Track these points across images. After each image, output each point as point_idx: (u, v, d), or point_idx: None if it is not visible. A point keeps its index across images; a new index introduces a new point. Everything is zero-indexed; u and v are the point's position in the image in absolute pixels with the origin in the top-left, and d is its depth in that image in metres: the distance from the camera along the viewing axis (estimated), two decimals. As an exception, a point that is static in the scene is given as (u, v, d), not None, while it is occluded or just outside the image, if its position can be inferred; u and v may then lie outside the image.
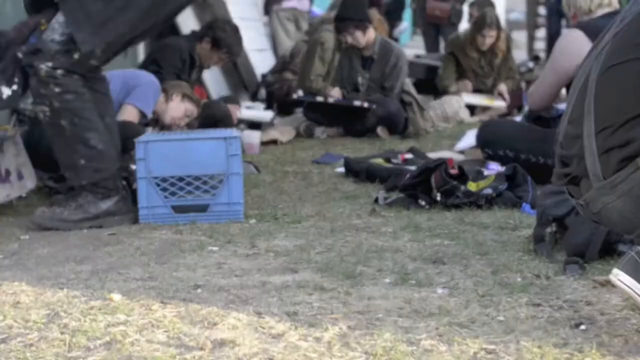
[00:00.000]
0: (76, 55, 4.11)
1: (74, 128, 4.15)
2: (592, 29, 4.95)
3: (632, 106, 2.48)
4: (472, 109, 8.31)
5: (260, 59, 10.24)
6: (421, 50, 13.16)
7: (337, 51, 7.83)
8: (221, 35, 7.06)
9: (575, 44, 4.88)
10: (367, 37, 7.36)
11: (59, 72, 4.11)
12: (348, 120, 7.25)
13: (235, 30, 7.14)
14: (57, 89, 4.11)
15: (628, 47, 2.54)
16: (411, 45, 16.49)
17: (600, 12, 5.11)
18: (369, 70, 7.43)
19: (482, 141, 5.42)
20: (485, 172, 4.76)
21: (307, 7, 11.54)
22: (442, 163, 4.61)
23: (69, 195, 4.34)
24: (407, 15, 14.39)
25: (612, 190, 2.53)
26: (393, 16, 14.30)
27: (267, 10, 11.46)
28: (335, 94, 7.36)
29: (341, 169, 5.53)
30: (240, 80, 9.75)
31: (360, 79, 7.44)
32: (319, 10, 14.54)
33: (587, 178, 2.60)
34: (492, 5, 10.04)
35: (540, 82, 5.23)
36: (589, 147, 2.56)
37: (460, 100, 8.16)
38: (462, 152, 6.02)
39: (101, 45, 4.13)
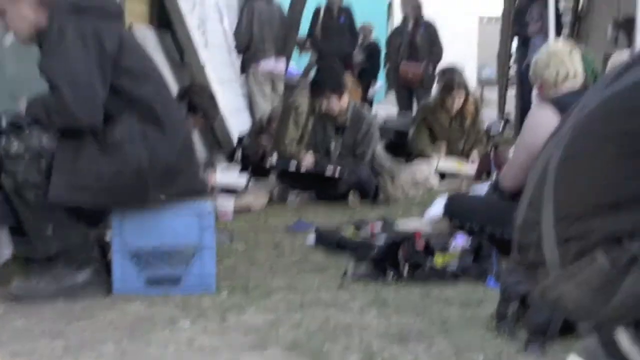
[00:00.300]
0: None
1: (39, 200, 4.22)
2: (562, 106, 5.09)
3: (591, 198, 2.55)
4: (442, 173, 8.45)
5: (237, 119, 10.39)
6: (394, 107, 13.35)
7: (310, 115, 8.02)
8: (197, 100, 7.21)
9: (545, 121, 4.99)
10: (342, 103, 7.50)
11: (27, 155, 4.20)
12: (320, 186, 7.38)
13: (211, 95, 7.27)
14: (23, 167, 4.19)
15: (587, 138, 2.62)
16: (385, 102, 16.69)
17: (566, 85, 5.23)
18: (341, 137, 7.57)
19: (450, 213, 5.52)
20: (452, 246, 4.88)
21: (283, 70, 11.69)
22: (410, 237, 4.74)
23: (44, 266, 4.41)
24: (382, 74, 14.57)
25: (569, 279, 2.60)
26: (368, 76, 14.53)
27: (244, 69, 11.60)
28: (308, 158, 7.49)
29: (312, 238, 5.63)
30: (216, 140, 9.89)
31: (332, 145, 7.58)
32: (296, 69, 14.74)
33: (544, 266, 2.68)
34: (459, 72, 10.20)
35: (512, 162, 5.25)
36: (547, 235, 2.63)
37: (430, 167, 8.30)
38: (430, 220, 6.13)
39: (68, 201, 4.23)
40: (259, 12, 11.44)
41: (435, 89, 10.65)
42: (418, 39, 12.65)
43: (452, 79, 8.83)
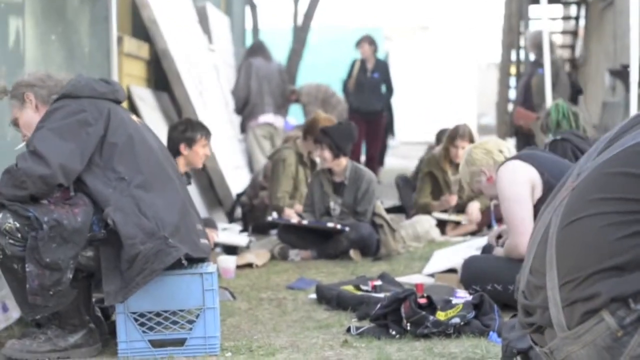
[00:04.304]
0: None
1: (25, 272, 4.26)
2: (525, 156, 5.18)
3: (593, 261, 2.62)
4: (442, 226, 8.47)
5: (236, 177, 10.46)
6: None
7: (299, 165, 8.12)
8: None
9: (520, 171, 5.08)
10: (337, 165, 7.57)
11: (19, 234, 4.25)
12: (321, 243, 7.41)
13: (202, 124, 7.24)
14: (11, 241, 4.24)
15: (584, 203, 2.69)
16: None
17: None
18: (341, 196, 7.62)
19: (467, 279, 5.45)
20: (453, 301, 4.90)
21: (282, 125, 11.80)
22: (412, 293, 4.76)
23: (39, 329, 4.54)
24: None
25: (576, 340, 2.66)
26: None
27: (244, 127, 11.70)
28: (289, 213, 7.56)
29: (314, 295, 5.65)
30: (217, 198, 9.94)
31: (332, 204, 7.63)
32: (294, 121, 14.88)
33: (551, 328, 2.73)
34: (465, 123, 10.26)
35: (511, 230, 5.21)
36: (552, 298, 2.70)
37: (431, 220, 8.33)
38: (431, 275, 6.16)
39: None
40: (257, 69, 11.57)
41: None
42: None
43: (456, 129, 8.83)
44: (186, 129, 6.83)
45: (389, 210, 9.35)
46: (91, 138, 4.41)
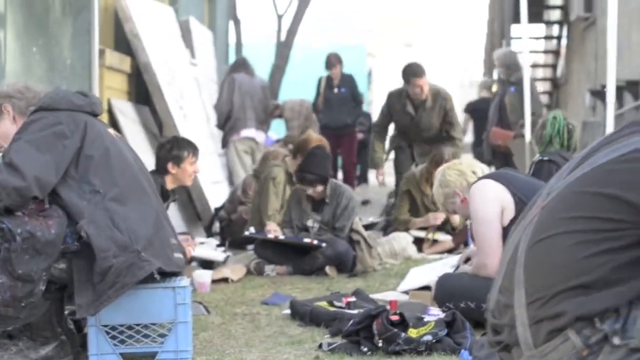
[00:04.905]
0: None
1: None
2: (496, 176, 5.22)
3: (560, 280, 2.63)
4: (419, 243, 8.48)
5: (216, 191, 10.47)
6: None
7: (287, 184, 8.13)
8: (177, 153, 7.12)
9: (490, 191, 5.10)
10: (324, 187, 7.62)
11: None
12: (297, 259, 7.42)
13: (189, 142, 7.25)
14: None
15: (554, 222, 2.70)
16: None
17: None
18: (320, 213, 7.64)
19: (441, 297, 5.45)
20: (426, 318, 4.91)
21: (263, 140, 11.83)
22: (384, 310, 4.78)
23: (11, 340, 4.56)
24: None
25: (542, 359, 2.68)
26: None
27: (225, 141, 11.73)
28: (270, 228, 7.58)
29: (288, 311, 5.66)
30: (195, 213, 9.95)
31: (310, 222, 7.64)
32: (275, 136, 14.91)
33: (518, 346, 2.75)
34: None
35: (480, 250, 5.26)
36: (520, 317, 2.71)
37: (408, 237, 8.35)
38: (406, 292, 6.18)
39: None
40: (240, 84, 11.61)
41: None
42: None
43: (441, 154, 8.83)
44: (173, 147, 6.85)
45: (368, 227, 9.38)
46: (67, 151, 4.42)
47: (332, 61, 13.08)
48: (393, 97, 9.94)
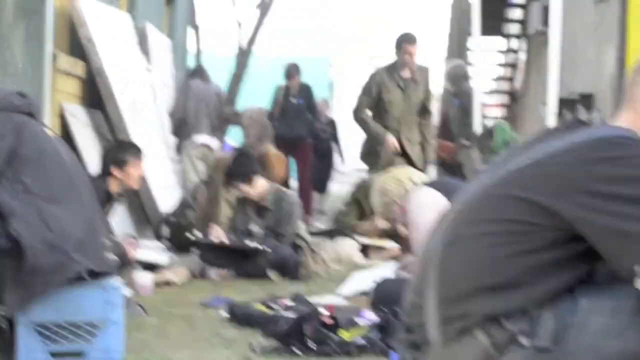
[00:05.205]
0: None
1: None
2: (434, 184, 5.26)
3: (471, 280, 2.64)
4: (365, 250, 8.52)
5: (167, 197, 10.45)
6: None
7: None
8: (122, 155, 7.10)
9: (427, 198, 5.14)
10: (257, 188, 7.64)
11: None
12: (241, 263, 7.44)
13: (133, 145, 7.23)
14: None
15: (466, 223, 2.72)
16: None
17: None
18: (263, 219, 7.67)
19: (378, 302, 5.48)
20: (359, 322, 4.95)
21: (218, 146, 11.83)
22: (317, 313, 4.81)
23: None
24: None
25: (451, 358, 2.69)
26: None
27: (179, 147, 11.73)
28: (217, 231, 7.59)
29: (226, 313, 5.68)
30: (145, 216, 9.93)
31: (254, 227, 7.67)
32: (232, 143, 14.92)
33: (429, 345, 2.76)
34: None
35: (417, 255, 5.30)
36: (430, 316, 2.73)
37: (353, 243, 8.39)
38: (345, 296, 6.21)
39: None
40: (196, 91, 11.63)
41: None
42: None
43: (392, 161, 8.86)
44: (117, 151, 6.85)
45: (319, 235, 9.42)
46: (1, 150, 4.42)
47: (291, 71, 13.09)
48: (381, 73, 9.97)
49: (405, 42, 9.81)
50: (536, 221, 2.58)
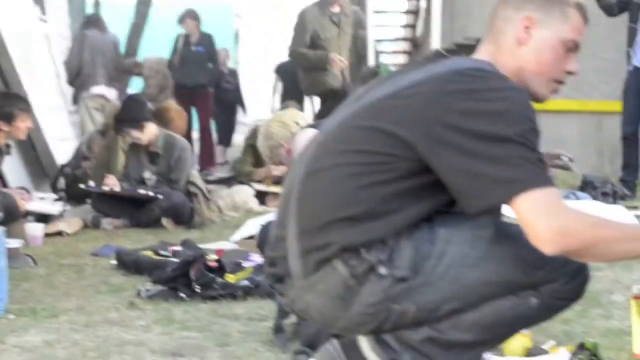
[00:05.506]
0: None
1: None
2: (317, 125, 5.29)
3: (329, 211, 2.66)
4: (262, 197, 8.54)
5: (64, 148, 10.33)
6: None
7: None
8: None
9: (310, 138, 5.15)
10: (148, 134, 7.61)
11: None
12: (134, 212, 7.43)
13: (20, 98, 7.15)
14: None
15: (326, 155, 2.73)
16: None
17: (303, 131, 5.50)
18: (155, 165, 7.65)
19: (262, 243, 5.52)
20: (244, 264, 4.99)
21: (115, 97, 11.71)
22: (201, 256, 4.83)
23: None
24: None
25: (311, 289, 2.70)
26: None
27: (76, 98, 11.60)
28: (110, 180, 7.54)
29: (115, 262, 5.68)
30: (41, 169, 9.82)
31: (147, 174, 7.65)
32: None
33: (290, 277, 2.78)
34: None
35: None
36: (291, 248, 2.73)
37: (249, 190, 8.41)
38: (236, 242, 6.24)
39: None
40: (92, 40, 11.49)
41: None
42: None
43: (289, 104, 8.89)
44: (4, 105, 6.76)
45: (220, 182, 9.44)
46: None
47: (184, 16, 13.00)
48: (313, 10, 9.88)
49: None
50: (392, 151, 2.60)
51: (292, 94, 12.71)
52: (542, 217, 2.47)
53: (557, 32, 2.77)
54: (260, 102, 26.71)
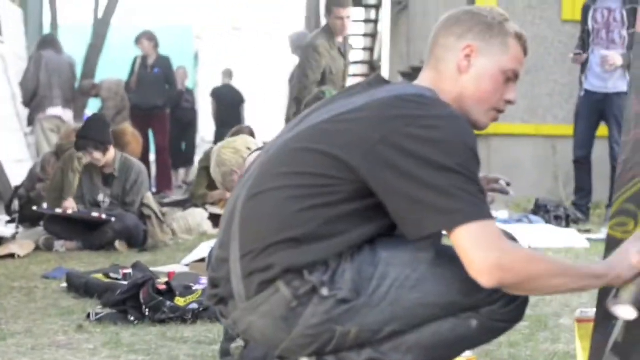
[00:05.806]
0: None
1: None
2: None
3: (272, 233, 2.67)
4: (216, 219, 8.53)
5: (19, 170, 10.30)
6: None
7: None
8: None
9: None
10: (108, 157, 7.61)
11: None
12: (87, 234, 7.41)
13: None
14: None
15: (268, 177, 2.75)
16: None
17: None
18: (110, 187, 7.64)
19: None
20: (194, 287, 4.98)
21: (71, 117, 11.69)
22: (150, 279, 4.83)
23: None
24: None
25: (254, 311, 2.71)
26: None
27: (31, 120, 11.56)
28: (68, 202, 7.51)
29: (65, 284, 5.65)
30: (-5, 191, 9.79)
31: (101, 196, 7.64)
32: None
33: (233, 299, 2.79)
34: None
35: None
36: (234, 270, 2.74)
37: (203, 213, 8.41)
38: (188, 265, 6.24)
39: None
40: (47, 61, 11.46)
41: None
42: None
43: (240, 129, 8.87)
44: None
45: (175, 204, 9.42)
46: None
47: (140, 37, 13.00)
48: (324, 43, 8.92)
49: (335, 5, 8.87)
50: (335, 174, 2.63)
51: (227, 118, 12.89)
52: (480, 250, 2.51)
53: (497, 62, 2.82)
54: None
